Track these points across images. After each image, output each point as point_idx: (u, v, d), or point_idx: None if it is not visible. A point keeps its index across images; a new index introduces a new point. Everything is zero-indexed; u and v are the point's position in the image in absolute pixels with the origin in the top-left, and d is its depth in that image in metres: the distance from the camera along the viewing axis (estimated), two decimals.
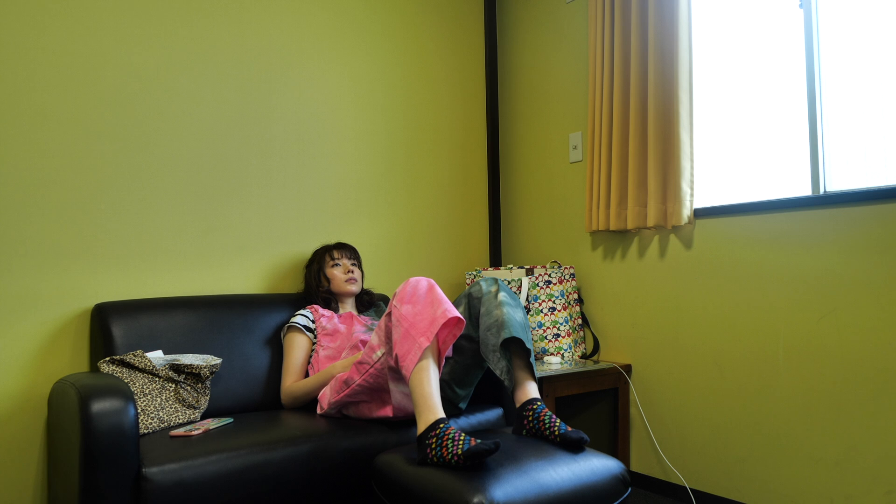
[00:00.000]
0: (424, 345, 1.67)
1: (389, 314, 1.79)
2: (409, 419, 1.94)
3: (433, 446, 1.54)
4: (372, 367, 1.84)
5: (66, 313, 2.11)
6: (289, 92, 2.58)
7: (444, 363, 1.84)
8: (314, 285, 2.36)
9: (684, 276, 2.40)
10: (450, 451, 1.50)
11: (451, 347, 1.91)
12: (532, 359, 1.85)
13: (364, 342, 2.17)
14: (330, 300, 2.35)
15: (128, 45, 2.25)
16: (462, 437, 1.52)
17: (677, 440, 2.41)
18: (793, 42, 2.20)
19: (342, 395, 1.91)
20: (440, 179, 3.00)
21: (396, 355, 1.70)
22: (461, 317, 1.74)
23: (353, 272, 2.36)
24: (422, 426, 1.60)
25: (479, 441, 1.49)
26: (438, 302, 1.74)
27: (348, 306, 2.40)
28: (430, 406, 1.62)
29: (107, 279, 2.19)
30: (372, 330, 2.27)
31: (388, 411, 1.90)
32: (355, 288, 2.36)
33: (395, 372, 1.80)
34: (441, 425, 1.57)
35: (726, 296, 2.27)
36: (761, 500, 2.17)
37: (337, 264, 2.37)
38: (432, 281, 1.81)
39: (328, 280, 2.36)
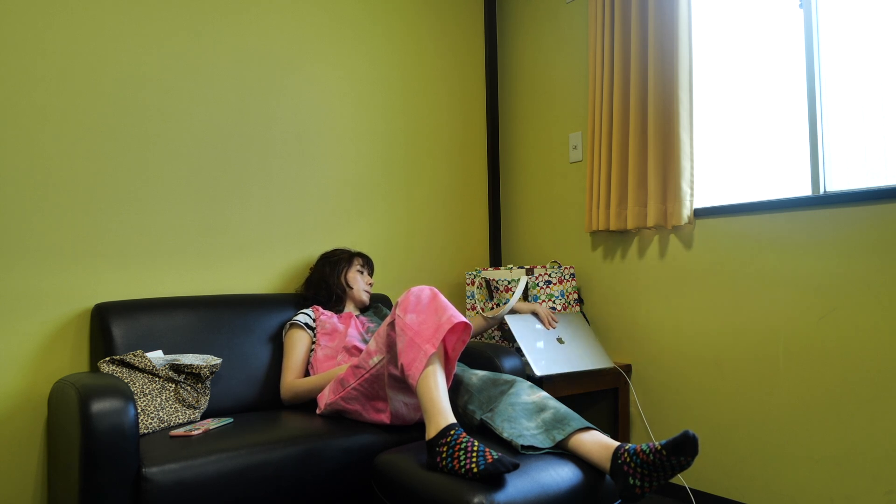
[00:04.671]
0: (430, 351, 1.66)
1: (391, 324, 1.77)
2: (408, 424, 1.94)
3: (444, 455, 1.51)
4: (367, 372, 1.83)
5: (66, 313, 2.11)
6: (289, 92, 2.58)
7: (454, 369, 1.83)
8: (331, 282, 2.38)
9: (684, 276, 2.40)
10: (462, 463, 1.47)
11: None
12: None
13: (357, 348, 2.17)
14: (340, 299, 2.38)
15: (128, 45, 2.25)
16: (476, 448, 1.48)
17: None
18: (793, 42, 2.20)
19: (337, 396, 1.91)
20: (440, 179, 3.00)
21: (402, 364, 1.69)
22: (468, 322, 1.73)
23: (371, 285, 2.49)
24: (431, 431, 1.57)
25: (494, 456, 1.45)
26: (443, 309, 1.74)
27: (349, 308, 2.42)
28: (440, 410, 1.60)
29: (107, 279, 2.18)
30: (368, 334, 2.28)
31: (383, 418, 1.89)
32: (367, 299, 2.46)
33: (397, 381, 1.79)
34: (452, 432, 1.53)
35: (726, 296, 2.27)
36: (761, 500, 2.17)
37: (361, 272, 2.46)
38: (435, 289, 1.80)
39: (349, 284, 2.41)
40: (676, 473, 1.49)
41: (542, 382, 2.32)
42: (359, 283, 2.43)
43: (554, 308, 2.61)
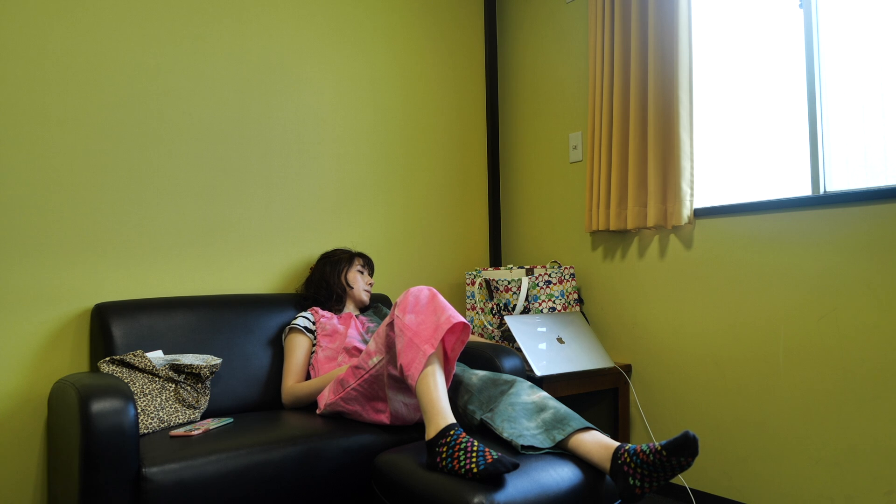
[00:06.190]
0: (429, 352, 1.66)
1: (391, 324, 1.77)
2: (408, 424, 1.94)
3: (444, 455, 1.51)
4: (367, 372, 1.83)
5: (66, 313, 2.11)
6: (289, 93, 2.58)
7: (454, 370, 1.83)
8: (331, 282, 2.38)
9: (684, 276, 2.40)
10: (462, 463, 1.47)
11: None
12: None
13: (357, 349, 2.17)
14: (340, 299, 2.38)
15: (129, 46, 2.25)
16: (475, 449, 1.48)
17: None
18: (793, 42, 2.20)
19: (337, 396, 1.91)
20: (440, 179, 3.00)
21: (401, 365, 1.69)
22: (467, 322, 1.74)
23: (372, 285, 2.49)
24: (431, 431, 1.57)
25: (494, 456, 1.45)
26: (442, 309, 1.74)
27: (349, 307, 2.42)
28: (439, 410, 1.60)
29: (107, 279, 2.19)
30: (368, 334, 2.28)
31: (383, 419, 1.89)
32: (367, 299, 2.46)
33: (396, 381, 1.79)
34: (451, 432, 1.53)
35: (726, 296, 2.27)
36: (761, 500, 2.17)
37: (361, 272, 2.46)
38: (434, 289, 1.80)
39: (349, 284, 2.41)
40: (677, 474, 1.49)
41: (542, 382, 2.32)
42: (359, 283, 2.43)
43: (554, 308, 2.60)
